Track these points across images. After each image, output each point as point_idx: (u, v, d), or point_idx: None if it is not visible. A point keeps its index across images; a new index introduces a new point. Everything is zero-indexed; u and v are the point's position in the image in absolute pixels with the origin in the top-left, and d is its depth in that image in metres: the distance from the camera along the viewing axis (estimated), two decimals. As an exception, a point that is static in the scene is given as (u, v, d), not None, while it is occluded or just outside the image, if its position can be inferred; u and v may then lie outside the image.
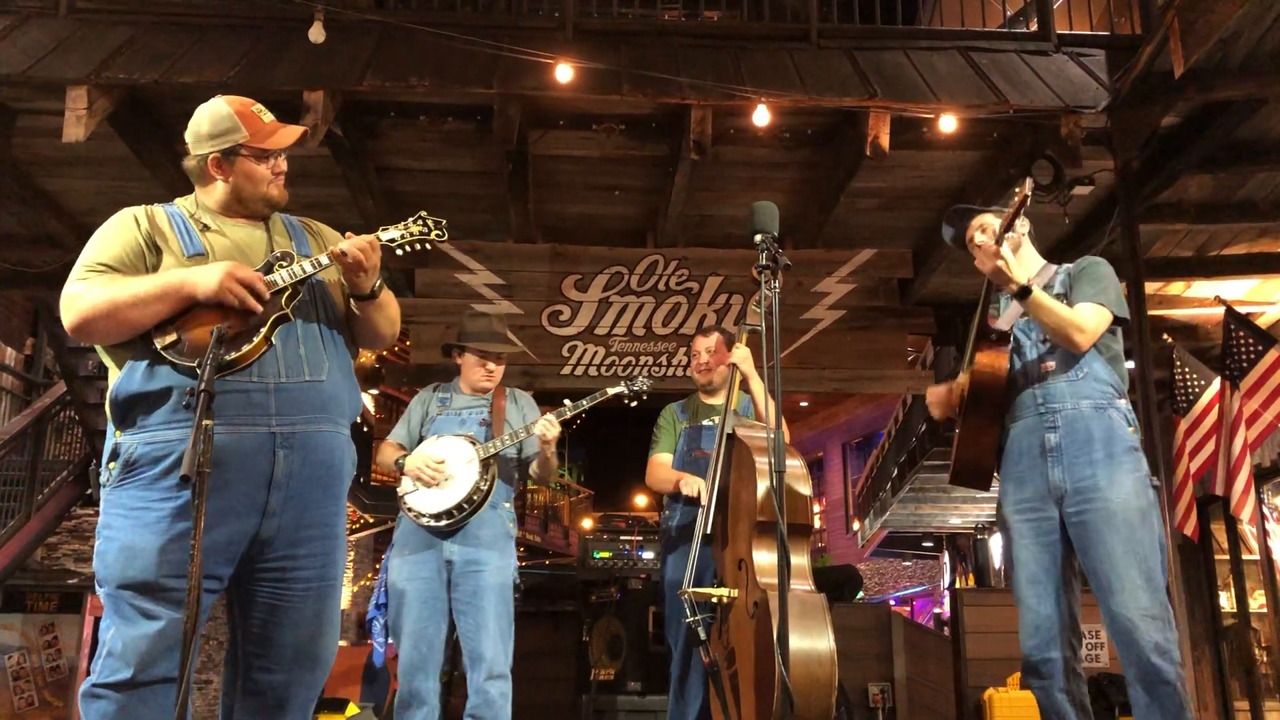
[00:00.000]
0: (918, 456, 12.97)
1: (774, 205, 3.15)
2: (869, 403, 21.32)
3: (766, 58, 5.94)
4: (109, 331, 2.43)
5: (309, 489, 2.52)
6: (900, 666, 7.15)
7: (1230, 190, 6.43)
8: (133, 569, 2.34)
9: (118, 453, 2.43)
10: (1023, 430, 3.29)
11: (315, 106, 5.30)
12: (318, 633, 2.56)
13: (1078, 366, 3.23)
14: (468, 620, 4.02)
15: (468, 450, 4.12)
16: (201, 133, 2.62)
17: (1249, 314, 7.31)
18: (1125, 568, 3.02)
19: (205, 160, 2.61)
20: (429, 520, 4.03)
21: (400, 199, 6.76)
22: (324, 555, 2.56)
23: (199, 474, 2.02)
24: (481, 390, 4.40)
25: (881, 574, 22.96)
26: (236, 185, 2.62)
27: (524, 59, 5.52)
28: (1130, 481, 3.11)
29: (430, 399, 4.44)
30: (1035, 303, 3.15)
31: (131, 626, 2.33)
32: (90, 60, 5.41)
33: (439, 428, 4.28)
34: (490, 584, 4.05)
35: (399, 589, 4.08)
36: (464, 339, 4.39)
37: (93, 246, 2.51)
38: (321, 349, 2.60)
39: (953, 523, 16.68)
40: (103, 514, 2.42)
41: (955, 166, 6.31)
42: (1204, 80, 5.22)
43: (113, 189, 6.48)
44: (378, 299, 2.69)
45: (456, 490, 4.03)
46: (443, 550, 4.07)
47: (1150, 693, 2.97)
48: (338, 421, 2.61)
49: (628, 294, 7.06)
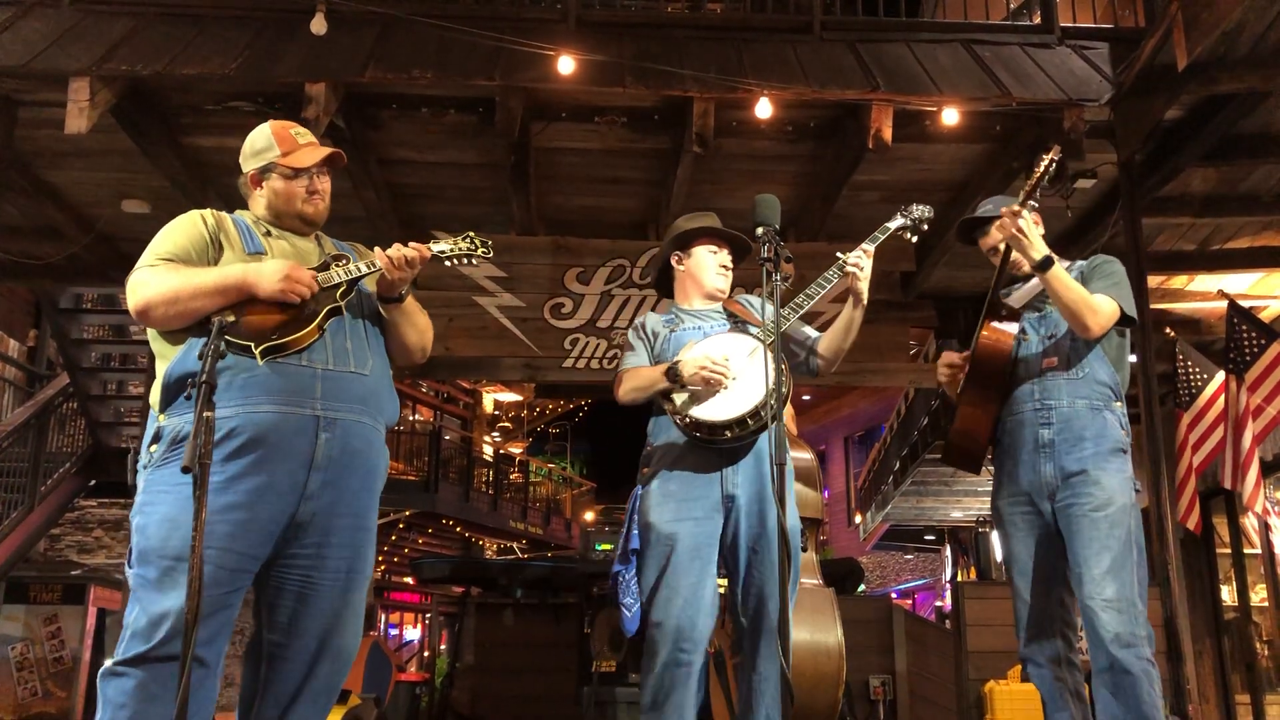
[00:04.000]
0: (919, 450, 12.97)
1: (776, 198, 3.13)
2: (871, 396, 21.36)
3: (769, 50, 5.93)
4: (169, 318, 2.52)
5: (346, 476, 2.57)
6: (901, 659, 7.16)
7: (1234, 183, 6.42)
8: (175, 538, 2.36)
9: (160, 435, 2.49)
10: (1018, 425, 3.31)
11: (317, 98, 5.30)
12: (343, 624, 2.59)
13: (1079, 366, 3.25)
14: (755, 574, 3.20)
15: (746, 341, 3.26)
16: (246, 152, 2.82)
17: (1252, 308, 7.30)
18: (1096, 559, 3.07)
19: (247, 177, 2.81)
20: (726, 433, 3.13)
21: (402, 191, 6.76)
22: (356, 546, 2.61)
23: (200, 465, 2.02)
24: (716, 293, 3.50)
25: (883, 567, 22.99)
26: (271, 201, 2.78)
27: (526, 51, 5.51)
28: (1114, 481, 3.15)
29: (647, 327, 3.50)
30: (1055, 275, 3.13)
31: (164, 598, 2.35)
32: (92, 52, 5.41)
33: (677, 347, 3.35)
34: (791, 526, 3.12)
35: (664, 532, 3.19)
36: (683, 236, 3.53)
37: (160, 239, 2.64)
38: (366, 346, 2.72)
39: (954, 516, 16.69)
40: (142, 494, 2.47)
41: (958, 159, 6.30)
42: (1207, 73, 5.20)
43: (115, 181, 6.48)
44: (404, 304, 2.81)
45: (751, 388, 3.11)
46: (720, 482, 3.22)
47: (1116, 685, 3.00)
48: (376, 418, 2.69)
49: (630, 287, 7.06)
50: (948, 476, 13.90)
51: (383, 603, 18.77)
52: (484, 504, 18.67)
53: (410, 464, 17.81)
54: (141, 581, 2.40)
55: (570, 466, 26.76)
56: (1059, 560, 3.22)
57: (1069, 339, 3.28)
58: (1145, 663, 3.00)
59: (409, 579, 18.77)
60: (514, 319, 7.01)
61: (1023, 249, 3.18)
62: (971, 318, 3.52)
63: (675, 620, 3.10)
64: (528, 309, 7.02)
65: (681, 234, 3.52)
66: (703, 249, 3.52)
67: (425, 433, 18.16)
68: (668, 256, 3.57)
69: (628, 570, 3.28)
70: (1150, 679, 2.99)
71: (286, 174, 2.76)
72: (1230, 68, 5.19)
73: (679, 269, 3.55)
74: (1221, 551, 8.52)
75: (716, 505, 3.19)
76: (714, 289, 3.50)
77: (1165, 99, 5.43)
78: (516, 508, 20.34)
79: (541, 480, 23.05)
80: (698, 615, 3.13)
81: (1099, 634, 3.02)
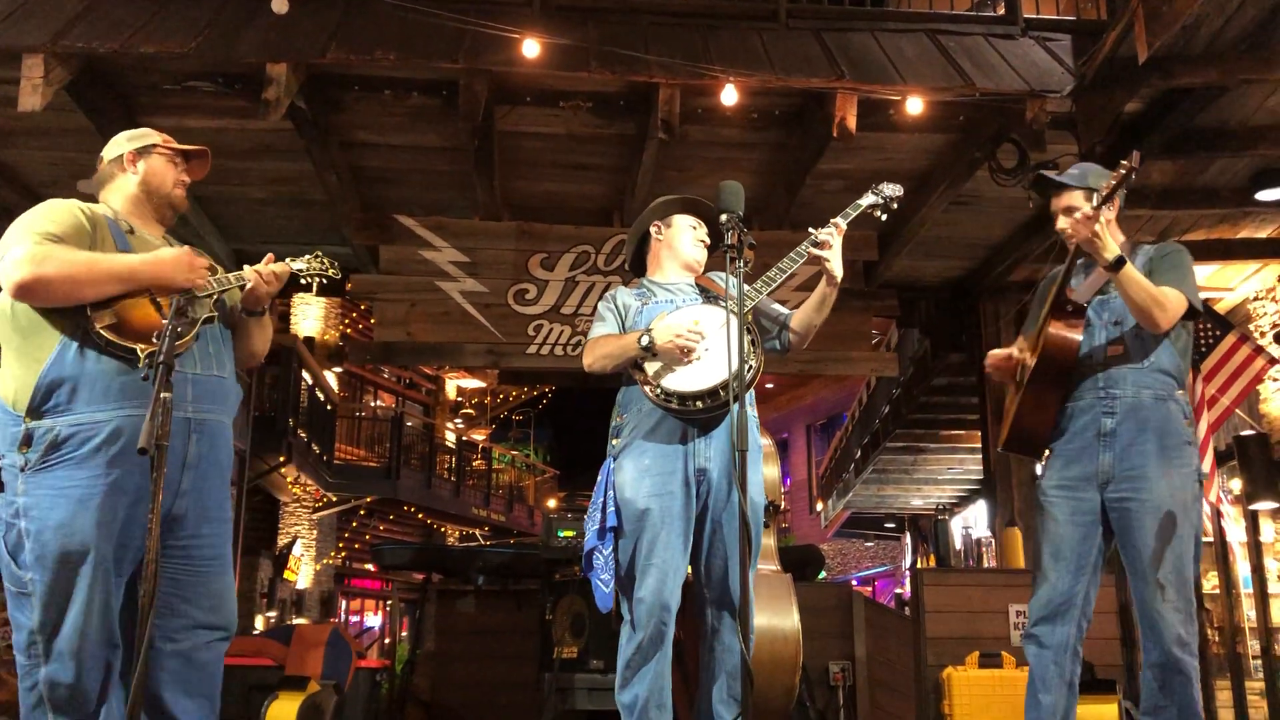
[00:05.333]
0: (881, 438, 13.08)
1: (740, 186, 3.13)
2: (833, 384, 21.47)
3: (735, 37, 5.93)
4: (55, 297, 2.55)
5: (210, 472, 2.75)
6: (861, 645, 7.21)
7: (1192, 176, 6.50)
8: (73, 545, 2.48)
9: (32, 438, 2.54)
10: (1080, 410, 3.28)
11: (278, 79, 5.23)
12: (220, 604, 2.77)
13: (1145, 354, 3.23)
14: (720, 545, 3.23)
15: (718, 313, 3.24)
16: (121, 138, 2.99)
17: (1208, 299, 7.41)
18: (1159, 559, 3.09)
19: (121, 157, 2.91)
20: (698, 403, 3.13)
21: (364, 174, 6.70)
22: (222, 535, 2.81)
23: (157, 447, 2.00)
24: (694, 263, 3.52)
25: (844, 554, 23.18)
26: (147, 179, 2.90)
27: (491, 34, 5.46)
28: (1179, 476, 3.15)
29: (618, 299, 3.51)
30: (1128, 275, 3.09)
31: (69, 605, 2.48)
32: (47, 27, 5.29)
33: (649, 318, 3.34)
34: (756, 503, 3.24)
35: (638, 507, 3.18)
36: (667, 207, 3.58)
37: (40, 219, 2.65)
38: (224, 349, 2.90)
39: (915, 504, 16.87)
40: (24, 497, 2.52)
41: (921, 149, 6.34)
42: (1167, 67, 5.26)
43: (70, 160, 6.36)
44: (263, 317, 3.04)
45: (723, 359, 3.04)
46: (691, 455, 3.22)
47: (1166, 682, 3.08)
48: (229, 414, 2.88)
49: (594, 273, 7.05)
50: (908, 465, 14.04)
51: (343, 589, 18.65)
52: (446, 490, 18.60)
53: (372, 450, 17.70)
54: (43, 586, 2.49)
55: (533, 453, 26.72)
56: (1094, 552, 3.24)
57: (1135, 327, 3.24)
58: (1194, 660, 3.09)
59: (369, 566, 18.67)
60: (477, 305, 6.97)
61: (1096, 250, 3.11)
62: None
63: (656, 595, 3.13)
64: (491, 295, 6.98)
65: (664, 202, 3.58)
66: (683, 219, 3.56)
67: (387, 419, 18.06)
68: (648, 226, 3.60)
69: (604, 545, 3.26)
70: (1197, 678, 3.09)
71: (166, 154, 2.93)
72: (1189, 62, 5.25)
73: (657, 238, 3.57)
74: (1175, 540, 8.66)
75: (690, 478, 3.21)
76: (690, 258, 3.52)
77: (1126, 92, 5.48)
78: (479, 494, 20.28)
79: (504, 467, 23.00)
80: (676, 588, 3.17)
81: (1161, 633, 3.08)
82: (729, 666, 3.18)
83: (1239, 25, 5.04)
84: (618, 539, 3.25)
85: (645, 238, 3.63)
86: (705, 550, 3.26)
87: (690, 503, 3.21)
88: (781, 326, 3.49)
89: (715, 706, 3.18)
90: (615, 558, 3.25)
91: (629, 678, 3.14)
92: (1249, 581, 7.89)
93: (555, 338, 6.99)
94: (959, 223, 7.06)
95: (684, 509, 3.20)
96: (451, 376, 21.45)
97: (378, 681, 8.48)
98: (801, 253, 3.32)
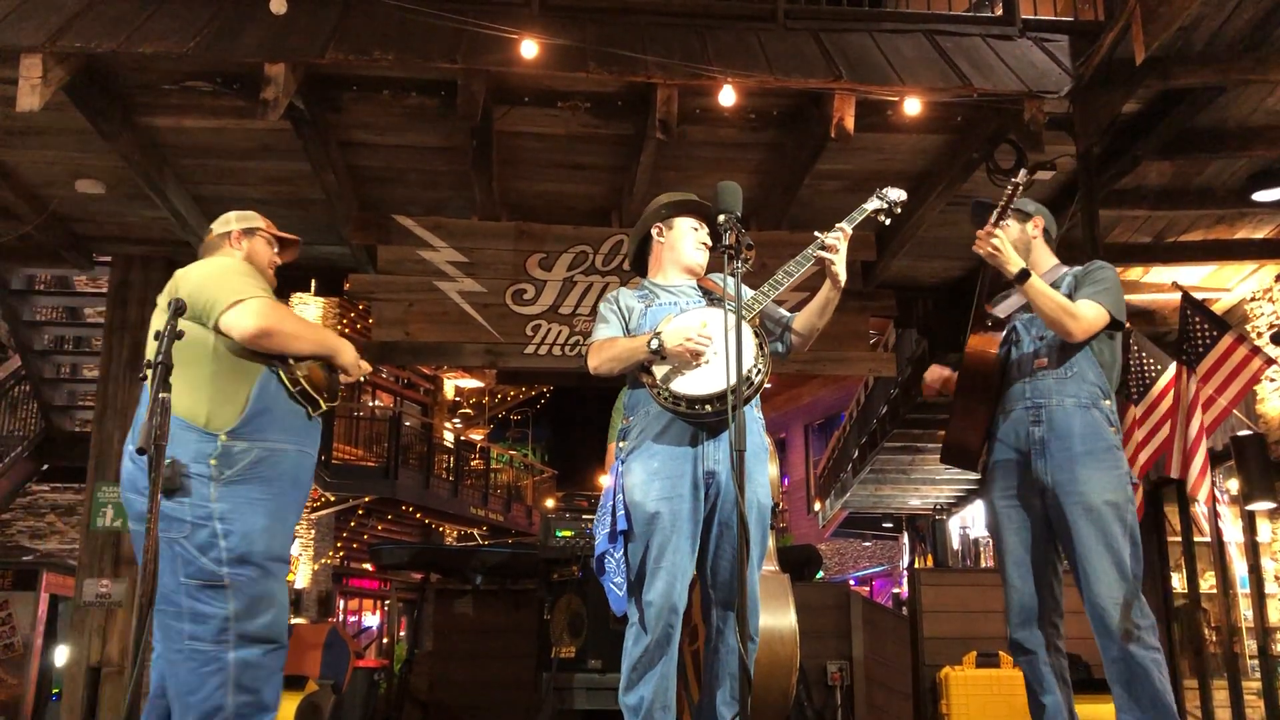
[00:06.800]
0: (879, 438, 13.08)
1: (738, 186, 3.14)
2: (831, 384, 21.48)
3: (733, 37, 5.93)
4: (274, 348, 3.06)
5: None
6: (858, 645, 7.23)
7: (1189, 177, 6.51)
8: (277, 544, 2.99)
9: (230, 454, 2.94)
10: (1011, 422, 3.43)
11: (276, 79, 5.22)
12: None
13: (1068, 365, 3.37)
14: (727, 547, 3.25)
15: (724, 316, 3.11)
16: (231, 217, 3.45)
17: (1205, 299, 7.41)
18: (1099, 558, 3.20)
19: (231, 234, 3.40)
20: (708, 406, 3.12)
21: (362, 174, 6.70)
22: None
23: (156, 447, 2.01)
24: (695, 266, 3.50)
25: (842, 554, 23.19)
26: (251, 258, 3.38)
27: (489, 34, 5.47)
28: (1109, 478, 3.26)
29: (621, 301, 3.49)
30: (1032, 286, 3.31)
31: (280, 593, 2.99)
32: (45, 27, 5.28)
33: (654, 321, 3.35)
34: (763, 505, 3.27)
35: (648, 510, 3.18)
36: (668, 209, 3.56)
37: (252, 277, 3.17)
38: None
39: (912, 504, 16.86)
40: (220, 503, 2.90)
41: (919, 150, 6.34)
42: (1164, 67, 5.27)
43: (69, 160, 6.36)
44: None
45: (731, 362, 2.95)
46: (700, 458, 3.23)
47: (1129, 680, 3.14)
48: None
49: (592, 273, 7.05)
50: (906, 465, 14.04)
51: (341, 589, 18.65)
52: (444, 490, 18.60)
53: (370, 450, 17.69)
54: (247, 580, 2.90)
55: (531, 453, 26.72)
56: (1050, 553, 3.39)
57: (1059, 340, 3.37)
58: (1153, 652, 3.14)
59: (368, 565, 18.67)
60: (475, 304, 6.96)
61: (1000, 265, 3.33)
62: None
63: (665, 598, 3.13)
64: (489, 295, 6.98)
65: (665, 205, 3.56)
66: (684, 222, 3.55)
67: (385, 419, 18.05)
68: (649, 228, 3.58)
69: (616, 549, 3.27)
70: (1159, 667, 3.14)
71: (266, 238, 3.46)
72: (1186, 62, 5.26)
73: (659, 240, 3.56)
74: (1172, 540, 8.66)
75: (699, 481, 3.21)
76: (692, 262, 3.51)
77: (1123, 92, 5.49)
78: (477, 494, 20.28)
79: (502, 467, 23.00)
80: (684, 591, 3.19)
81: (1108, 629, 3.16)
82: (733, 668, 3.19)
83: (1236, 26, 5.05)
84: (627, 542, 3.25)
85: (647, 239, 3.62)
86: (712, 552, 3.27)
87: (699, 506, 3.21)
88: (784, 329, 3.50)
89: (719, 709, 3.20)
90: (625, 560, 3.26)
91: (635, 680, 3.14)
92: (1246, 582, 7.90)
93: (553, 338, 6.99)
94: (957, 223, 7.06)
95: (693, 512, 3.20)
96: (450, 376, 21.44)
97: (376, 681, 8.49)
98: (808, 256, 3.34)
